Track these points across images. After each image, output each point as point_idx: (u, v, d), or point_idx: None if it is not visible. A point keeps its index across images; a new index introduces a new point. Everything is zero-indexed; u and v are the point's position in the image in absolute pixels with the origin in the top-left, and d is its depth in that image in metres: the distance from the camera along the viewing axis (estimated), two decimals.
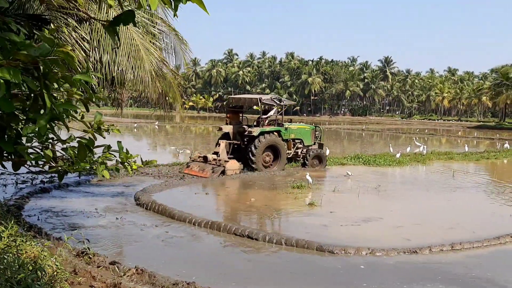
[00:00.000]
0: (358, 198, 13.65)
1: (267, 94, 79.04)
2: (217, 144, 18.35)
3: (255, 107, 20.15)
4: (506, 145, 32.27)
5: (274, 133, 18.19)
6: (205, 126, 61.43)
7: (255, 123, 19.01)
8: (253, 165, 17.37)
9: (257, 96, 18.88)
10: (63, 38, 6.42)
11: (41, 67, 2.16)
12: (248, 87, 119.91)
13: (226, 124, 19.10)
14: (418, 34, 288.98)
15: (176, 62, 10.62)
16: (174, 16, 2.07)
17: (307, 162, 19.08)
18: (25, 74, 2.13)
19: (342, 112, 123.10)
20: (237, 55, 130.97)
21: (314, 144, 20.28)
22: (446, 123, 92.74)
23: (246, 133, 17.91)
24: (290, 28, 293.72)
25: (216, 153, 17.87)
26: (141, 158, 3.24)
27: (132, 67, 8.09)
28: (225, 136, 18.74)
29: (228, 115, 19.48)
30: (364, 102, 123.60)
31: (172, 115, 10.80)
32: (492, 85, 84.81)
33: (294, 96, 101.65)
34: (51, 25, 3.16)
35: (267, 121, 18.77)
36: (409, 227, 10.38)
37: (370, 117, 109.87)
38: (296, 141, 19.66)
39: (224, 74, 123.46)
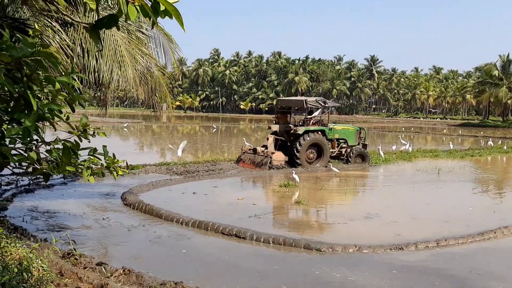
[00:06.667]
0: (345, 195, 13.75)
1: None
2: (267, 138, 20.23)
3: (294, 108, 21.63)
4: (490, 142, 32.74)
5: (319, 132, 19.70)
6: (192, 125, 61.20)
7: (301, 123, 20.34)
8: (297, 160, 18.93)
9: (303, 98, 20.65)
10: (47, 41, 6.34)
11: (25, 68, 2.15)
12: (235, 87, 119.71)
13: (275, 123, 20.98)
14: (403, 33, 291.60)
15: (164, 61, 10.56)
16: (152, 28, 2.09)
17: (350, 160, 20.30)
18: (8, 75, 2.11)
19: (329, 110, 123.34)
20: (222, 54, 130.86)
21: (358, 144, 21.40)
22: (431, 121, 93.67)
23: (292, 131, 19.44)
24: (277, 27, 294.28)
25: (265, 146, 19.92)
26: (126, 163, 3.22)
27: (117, 72, 8.05)
28: (273, 134, 20.55)
29: (277, 116, 21.24)
30: (351, 101, 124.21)
31: (159, 115, 10.69)
32: (475, 83, 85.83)
33: (282, 95, 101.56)
34: (36, 25, 3.13)
35: (311, 121, 20.11)
36: (401, 223, 10.47)
37: (357, 116, 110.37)
38: (341, 140, 20.89)
39: (211, 74, 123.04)
